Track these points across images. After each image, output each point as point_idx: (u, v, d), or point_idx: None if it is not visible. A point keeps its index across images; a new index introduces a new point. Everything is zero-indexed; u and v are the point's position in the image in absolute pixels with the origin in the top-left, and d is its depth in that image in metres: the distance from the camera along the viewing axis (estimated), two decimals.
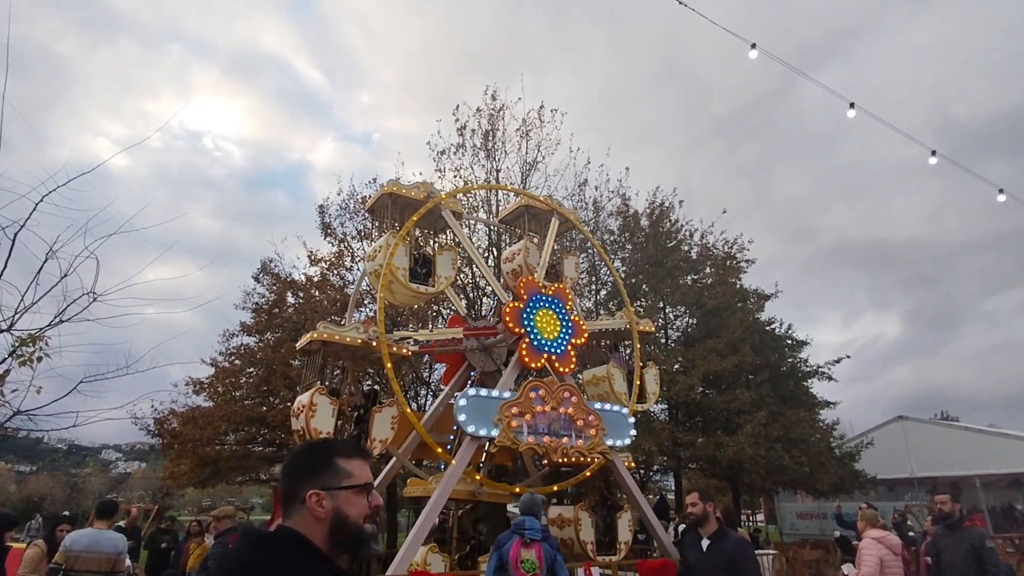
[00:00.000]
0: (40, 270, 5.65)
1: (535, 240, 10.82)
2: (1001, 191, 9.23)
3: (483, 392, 8.50)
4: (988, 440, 23.48)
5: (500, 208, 18.40)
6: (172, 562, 10.94)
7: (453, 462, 8.11)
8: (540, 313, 9.50)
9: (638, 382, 10.38)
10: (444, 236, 10.33)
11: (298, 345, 8.52)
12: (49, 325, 5.88)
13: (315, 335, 7.91)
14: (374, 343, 8.07)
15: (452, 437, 9.40)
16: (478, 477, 8.67)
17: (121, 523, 11.37)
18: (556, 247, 11.23)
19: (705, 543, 4.30)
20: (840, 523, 14.68)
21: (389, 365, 8.02)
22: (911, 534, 12.87)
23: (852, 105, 8.11)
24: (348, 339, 8.05)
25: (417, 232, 9.69)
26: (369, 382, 8.69)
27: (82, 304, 5.93)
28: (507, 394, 8.59)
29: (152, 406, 16.29)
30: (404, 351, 8.56)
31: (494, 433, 8.18)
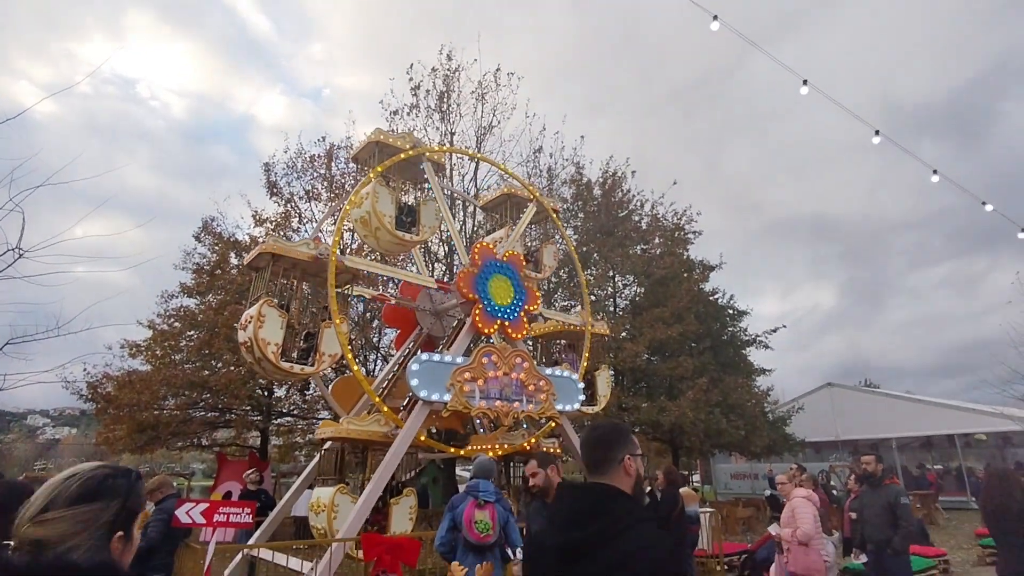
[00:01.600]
0: None
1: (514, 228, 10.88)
2: (935, 172, 9.69)
3: (436, 357, 8.49)
4: (904, 405, 25.23)
5: (454, 172, 18.13)
6: None
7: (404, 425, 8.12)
8: (494, 279, 9.50)
9: (581, 376, 10.53)
10: (423, 190, 10.27)
11: (246, 260, 8.28)
12: None
13: (264, 248, 7.70)
14: (324, 258, 7.95)
15: (405, 403, 9.41)
16: (427, 439, 8.74)
17: None
18: (534, 235, 11.51)
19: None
20: (772, 485, 15.58)
21: (333, 280, 7.91)
22: (835, 492, 13.79)
23: (805, 82, 8.27)
24: (298, 253, 7.88)
25: (402, 184, 9.64)
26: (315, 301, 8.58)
27: (7, 260, 5.53)
28: (460, 359, 8.61)
29: (84, 369, 15.55)
30: (355, 269, 8.53)
31: (447, 398, 8.21)
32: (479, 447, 9.23)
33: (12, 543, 1.26)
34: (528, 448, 9.53)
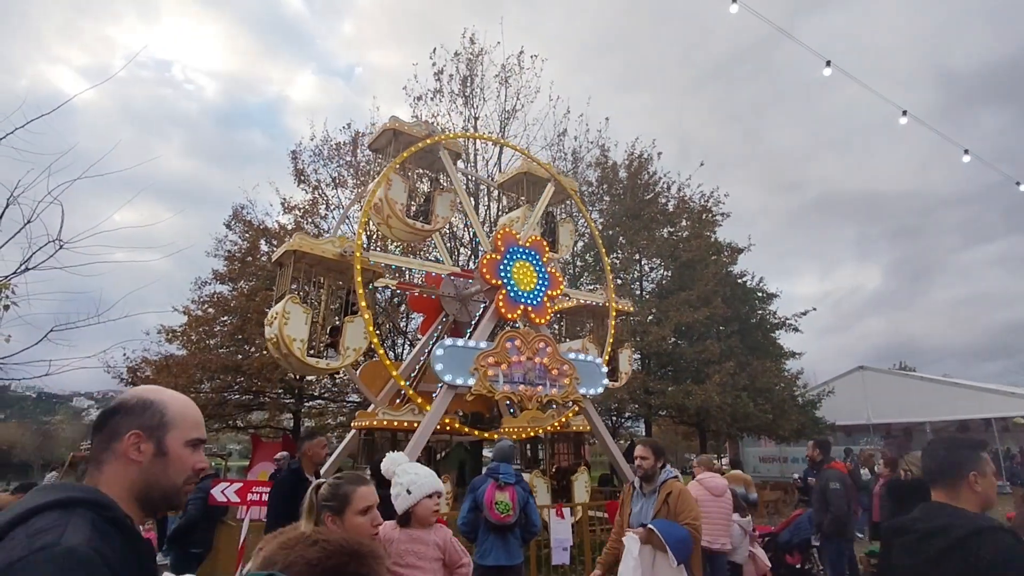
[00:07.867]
0: (0, 216, 5.46)
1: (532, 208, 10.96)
2: (966, 151, 9.34)
3: (460, 342, 8.62)
4: (940, 389, 24.62)
5: (478, 157, 18.15)
6: None
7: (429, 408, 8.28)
8: (517, 265, 9.55)
9: (607, 357, 10.58)
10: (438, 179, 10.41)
11: (274, 257, 8.43)
12: (14, 273, 5.73)
13: (290, 246, 7.82)
14: (349, 257, 8.03)
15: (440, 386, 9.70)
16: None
17: None
18: (552, 213, 11.58)
19: None
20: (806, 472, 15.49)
21: (359, 278, 8.00)
22: (867, 477, 13.59)
23: (828, 63, 8.02)
24: (323, 251, 7.96)
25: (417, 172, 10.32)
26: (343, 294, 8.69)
27: (48, 252, 5.77)
28: (483, 344, 8.71)
29: (124, 354, 16.15)
30: (379, 272, 8.65)
31: (471, 382, 8.33)
32: (510, 428, 9.36)
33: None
34: (559, 427, 9.68)
